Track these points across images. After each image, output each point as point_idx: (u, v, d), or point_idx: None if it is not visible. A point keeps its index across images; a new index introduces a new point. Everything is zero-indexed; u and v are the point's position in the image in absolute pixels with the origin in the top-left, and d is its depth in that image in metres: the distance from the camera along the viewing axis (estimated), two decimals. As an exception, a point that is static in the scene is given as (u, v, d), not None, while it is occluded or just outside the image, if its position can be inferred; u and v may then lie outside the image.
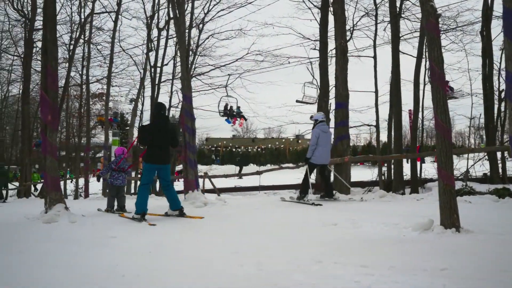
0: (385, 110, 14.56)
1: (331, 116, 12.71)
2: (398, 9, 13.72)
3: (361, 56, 16.31)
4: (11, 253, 4.50)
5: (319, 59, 13.90)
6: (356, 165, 31.05)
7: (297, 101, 14.88)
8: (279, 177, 11.51)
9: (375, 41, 15.07)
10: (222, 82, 19.90)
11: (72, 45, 21.21)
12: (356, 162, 24.50)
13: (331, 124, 12.56)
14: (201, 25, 19.59)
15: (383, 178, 13.14)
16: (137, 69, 22.32)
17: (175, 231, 5.85)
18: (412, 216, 5.86)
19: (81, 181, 20.65)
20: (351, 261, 3.71)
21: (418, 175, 12.91)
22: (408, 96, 14.34)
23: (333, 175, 10.53)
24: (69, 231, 6.01)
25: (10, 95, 29.37)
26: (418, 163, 13.34)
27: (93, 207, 9.18)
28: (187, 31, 15.78)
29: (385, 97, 15.16)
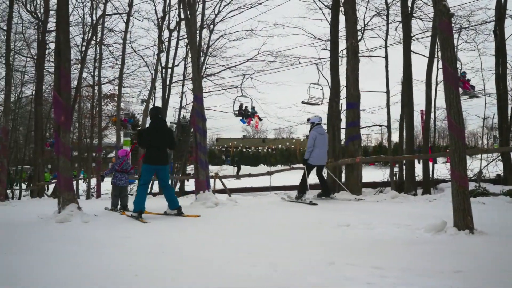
0: (396, 110, 14.47)
1: (342, 116, 12.66)
2: (409, 9, 13.63)
3: (372, 56, 16.24)
4: (25, 253, 4.54)
5: (330, 59, 13.84)
6: (367, 165, 30.87)
7: (303, 102, 14.84)
8: (290, 177, 11.48)
9: (386, 41, 14.98)
10: (233, 82, 19.94)
11: (84, 46, 21.42)
12: (367, 162, 24.38)
13: (342, 124, 12.53)
14: (211, 26, 19.64)
15: (395, 178, 13.06)
16: (148, 70, 22.39)
17: (188, 232, 5.88)
18: (424, 217, 5.81)
19: (93, 181, 20.81)
20: (364, 262, 3.70)
21: (430, 176, 12.80)
22: (420, 96, 14.27)
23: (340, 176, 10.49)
24: (82, 231, 6.06)
25: (23, 96, 29.67)
26: (430, 164, 13.24)
27: (104, 207, 9.38)
28: (198, 32, 15.84)
29: (396, 97, 15.10)
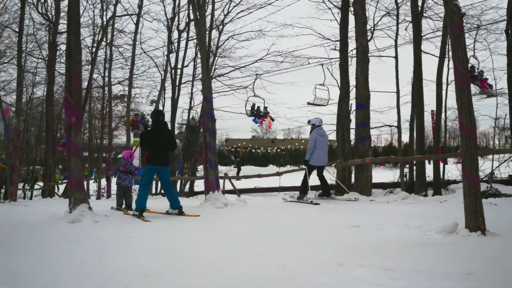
0: (406, 110, 14.38)
1: (352, 117, 12.61)
2: (420, 8, 13.54)
3: (382, 56, 16.17)
4: (37, 252, 4.58)
5: (339, 60, 13.82)
6: (376, 166, 30.72)
7: (308, 103, 14.82)
8: (299, 178, 11.51)
9: (396, 40, 14.92)
10: (242, 83, 19.96)
11: (94, 47, 21.55)
12: (377, 163, 24.26)
13: (352, 125, 12.49)
14: (221, 27, 19.73)
15: (405, 179, 12.98)
16: (158, 71, 22.49)
17: (197, 232, 5.89)
18: (435, 218, 5.77)
19: (104, 181, 20.93)
20: (375, 263, 3.67)
21: (441, 176, 12.71)
22: (430, 96, 14.12)
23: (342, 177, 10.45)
24: (93, 231, 6.09)
25: (34, 97, 29.99)
26: (441, 164, 13.14)
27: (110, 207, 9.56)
28: (207, 32, 15.87)
29: (406, 98, 14.96)
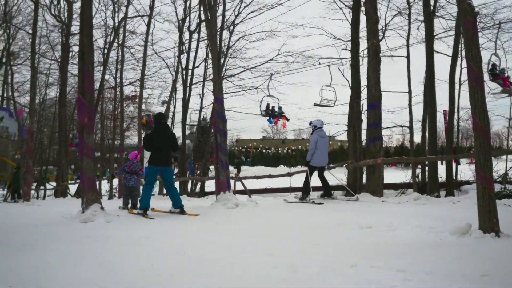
0: (418, 110, 14.25)
1: (363, 117, 12.55)
2: (432, 8, 13.41)
3: (393, 56, 16.03)
4: (51, 252, 4.63)
5: (350, 60, 13.75)
6: (388, 166, 30.50)
7: (315, 104, 14.77)
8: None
9: (408, 40, 14.79)
10: (253, 83, 19.95)
11: (106, 49, 21.69)
12: (388, 163, 24.10)
13: (363, 125, 12.42)
14: (231, 27, 19.71)
15: (417, 180, 12.87)
16: (169, 72, 22.55)
17: (209, 233, 5.90)
18: (448, 219, 5.71)
19: (116, 181, 21.07)
20: (387, 265, 3.65)
21: (453, 177, 12.58)
22: (442, 96, 13.99)
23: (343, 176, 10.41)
24: (105, 230, 6.14)
25: (47, 98, 30.33)
26: (453, 165, 13.02)
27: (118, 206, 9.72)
28: (218, 33, 15.90)
29: (418, 98, 14.83)
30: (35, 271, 3.83)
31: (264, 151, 52.26)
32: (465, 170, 14.17)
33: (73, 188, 23.63)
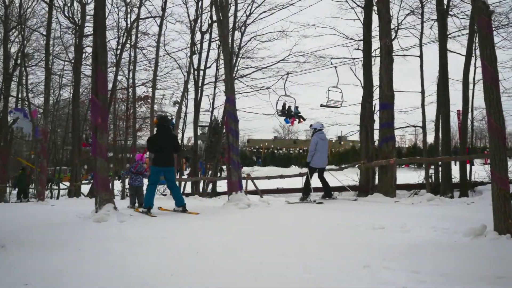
0: (432, 110, 14.11)
1: (376, 117, 12.47)
2: (445, 6, 13.28)
3: (406, 55, 15.90)
4: (66, 251, 4.68)
5: (362, 60, 13.68)
6: (401, 167, 30.27)
7: (322, 105, 14.73)
8: (330, 178, 11.55)
9: (421, 39, 14.65)
10: (264, 83, 19.93)
11: (119, 49, 21.90)
12: (401, 164, 23.91)
13: (376, 125, 12.35)
14: (243, 28, 19.74)
15: (430, 181, 12.76)
16: (181, 72, 22.66)
17: (221, 233, 5.91)
18: (462, 220, 5.65)
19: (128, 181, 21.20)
20: (400, 266, 3.62)
21: (467, 178, 12.44)
22: (456, 96, 13.84)
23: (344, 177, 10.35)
24: (119, 230, 6.20)
25: (61, 99, 30.72)
26: (467, 165, 12.88)
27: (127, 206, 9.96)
28: (230, 33, 15.94)
29: (432, 97, 14.70)
30: (50, 270, 3.88)
31: (275, 151, 52.18)
32: (479, 170, 14.02)
33: (85, 188, 23.83)
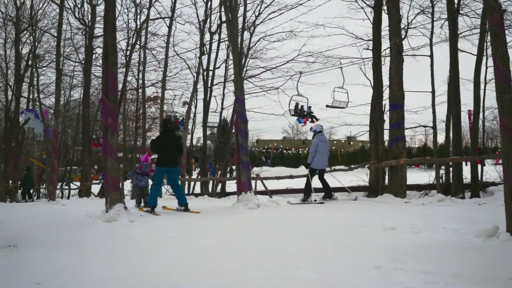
0: (442, 110, 14.03)
1: (386, 117, 12.41)
2: (456, 6, 13.18)
3: (416, 55, 15.85)
4: (78, 251, 4.72)
5: (372, 59, 13.64)
6: (411, 167, 30.07)
7: (327, 106, 14.72)
8: (331, 179, 11.51)
9: (431, 39, 14.58)
10: (273, 83, 19.90)
11: (128, 50, 22.04)
12: (411, 164, 23.77)
13: (386, 125, 12.29)
14: (252, 28, 19.74)
15: (441, 181, 12.66)
16: (190, 73, 22.72)
17: (232, 234, 5.91)
18: (474, 221, 5.59)
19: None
20: (412, 267, 3.59)
21: (479, 178, 12.34)
22: (467, 95, 13.80)
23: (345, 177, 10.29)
24: (129, 230, 6.23)
25: (71, 99, 30.97)
26: (478, 166, 12.77)
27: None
28: (239, 34, 15.95)
29: (442, 97, 14.62)
30: (62, 269, 3.91)
31: (284, 151, 52.12)
32: (491, 171, 13.89)
33: (96, 188, 23.99)
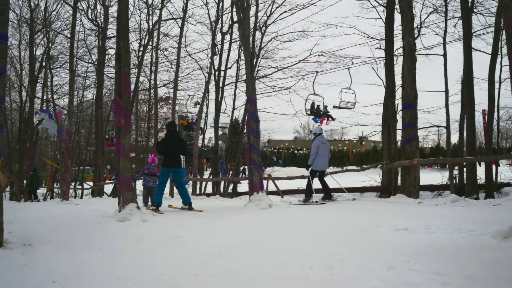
0: (456, 110, 13.86)
1: (398, 117, 12.31)
2: (470, 4, 13.03)
3: (429, 54, 15.66)
4: (91, 250, 4.77)
5: (384, 59, 13.53)
6: (424, 167, 29.81)
7: (334, 107, 14.70)
8: (342, 179, 11.49)
9: (444, 38, 14.40)
10: (285, 84, 19.88)
11: (141, 51, 22.18)
12: (424, 164, 23.55)
13: (398, 125, 12.19)
14: (263, 28, 19.73)
15: (454, 182, 12.52)
16: (202, 73, 22.88)
17: (244, 234, 5.92)
18: (489, 222, 5.52)
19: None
20: (426, 268, 3.57)
21: (493, 179, 12.18)
22: (481, 95, 13.56)
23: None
24: (142, 229, 6.28)
25: (84, 100, 31.28)
26: (493, 166, 12.60)
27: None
28: (250, 34, 15.96)
29: (456, 97, 14.45)
30: (76, 268, 3.95)
31: (296, 152, 52.03)
32: (505, 171, 13.70)
33: (108, 187, 24.20)
